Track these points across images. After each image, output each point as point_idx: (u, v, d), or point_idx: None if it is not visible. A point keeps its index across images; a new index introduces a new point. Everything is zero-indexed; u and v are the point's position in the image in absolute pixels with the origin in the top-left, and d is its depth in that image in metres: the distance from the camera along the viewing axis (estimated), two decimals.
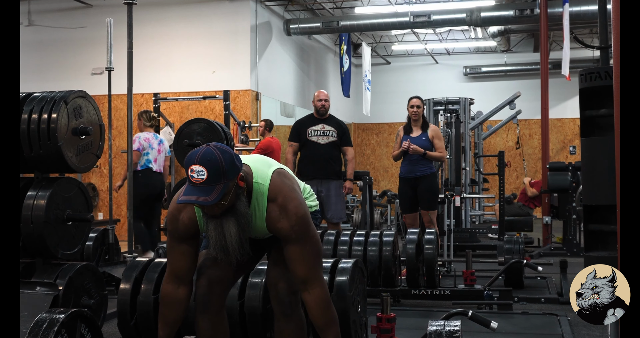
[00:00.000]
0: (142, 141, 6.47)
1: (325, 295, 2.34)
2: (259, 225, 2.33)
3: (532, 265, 5.25)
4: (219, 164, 2.14)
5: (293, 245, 2.32)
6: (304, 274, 2.32)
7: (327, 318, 2.35)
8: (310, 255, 2.33)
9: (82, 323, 2.68)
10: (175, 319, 2.42)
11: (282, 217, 2.29)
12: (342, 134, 6.33)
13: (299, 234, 2.31)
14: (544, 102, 8.89)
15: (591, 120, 3.90)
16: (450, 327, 2.45)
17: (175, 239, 2.37)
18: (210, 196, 2.12)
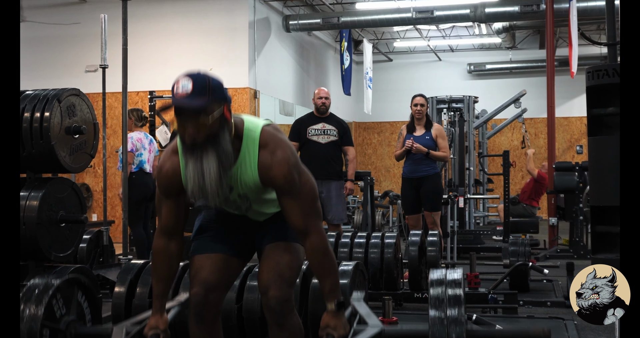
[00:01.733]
0: (134, 141, 6.45)
1: (322, 243, 2.35)
2: (250, 175, 2.31)
3: (537, 268, 5.25)
4: (207, 80, 2.17)
5: (287, 196, 2.32)
6: (300, 225, 2.34)
7: (325, 266, 2.37)
8: (305, 204, 2.34)
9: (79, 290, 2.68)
10: (169, 274, 2.45)
11: (274, 164, 2.28)
12: (343, 134, 6.32)
13: (293, 183, 2.30)
14: (550, 101, 8.89)
15: (599, 119, 3.90)
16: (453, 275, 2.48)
17: (162, 192, 2.40)
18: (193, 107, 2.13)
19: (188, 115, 2.16)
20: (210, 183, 2.20)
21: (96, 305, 2.82)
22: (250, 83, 10.49)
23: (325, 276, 2.38)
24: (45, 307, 2.54)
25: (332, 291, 2.38)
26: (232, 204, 2.44)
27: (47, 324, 2.59)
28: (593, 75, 3.83)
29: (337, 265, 2.44)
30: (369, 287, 4.40)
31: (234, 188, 2.34)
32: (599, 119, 3.89)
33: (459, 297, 2.48)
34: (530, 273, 5.47)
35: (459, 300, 2.47)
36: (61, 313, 2.65)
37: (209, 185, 2.21)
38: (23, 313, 2.53)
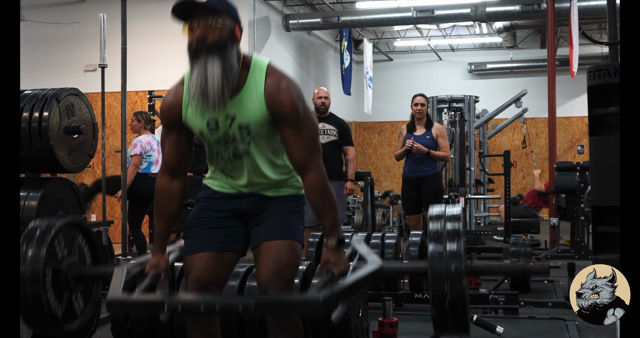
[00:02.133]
0: (144, 144, 6.47)
1: (322, 179, 2.36)
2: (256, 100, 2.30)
3: None
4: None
5: (291, 127, 2.31)
6: (301, 158, 2.34)
7: (325, 202, 2.36)
8: (308, 138, 2.34)
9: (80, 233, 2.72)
10: (171, 213, 2.45)
11: (281, 91, 2.29)
12: (343, 133, 6.32)
13: (297, 113, 2.30)
14: (551, 100, 8.89)
15: (600, 118, 3.90)
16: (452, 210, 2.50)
17: (164, 124, 2.41)
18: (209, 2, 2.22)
19: (200, 13, 2.23)
20: (213, 88, 2.21)
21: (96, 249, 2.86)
22: None
23: (326, 213, 2.37)
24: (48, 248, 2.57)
25: (332, 227, 2.37)
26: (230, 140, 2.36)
27: (49, 264, 2.61)
28: (594, 74, 3.84)
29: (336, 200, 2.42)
30: (369, 288, 4.40)
31: (237, 116, 2.31)
32: (600, 118, 3.89)
33: (457, 231, 2.49)
34: None
35: (457, 234, 2.48)
36: (63, 255, 2.69)
37: (210, 88, 2.21)
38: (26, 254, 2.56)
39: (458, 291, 2.42)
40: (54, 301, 2.65)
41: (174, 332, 3.09)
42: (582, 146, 12.31)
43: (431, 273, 2.45)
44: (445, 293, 2.43)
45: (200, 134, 2.37)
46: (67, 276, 2.75)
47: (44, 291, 2.59)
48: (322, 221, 2.39)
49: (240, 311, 2.04)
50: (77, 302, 2.81)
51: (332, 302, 2.11)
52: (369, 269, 2.51)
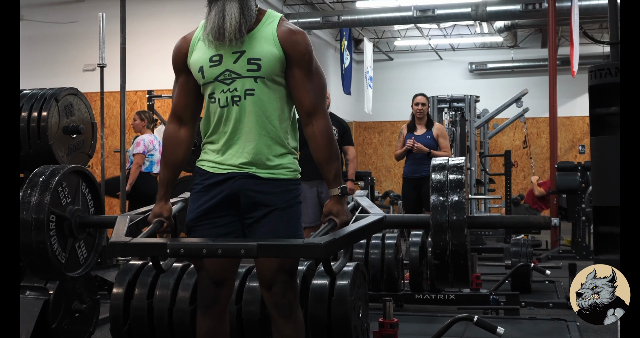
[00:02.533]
0: (147, 143, 6.49)
1: (328, 127, 2.38)
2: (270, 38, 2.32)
3: (539, 269, 5.25)
4: None
5: (302, 70, 2.33)
6: (310, 103, 2.34)
7: (330, 150, 2.37)
8: (317, 85, 2.36)
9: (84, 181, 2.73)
10: (176, 161, 2.45)
11: (295, 34, 2.32)
12: (343, 133, 6.32)
13: (310, 57, 2.33)
14: (552, 100, 8.89)
15: (601, 118, 3.89)
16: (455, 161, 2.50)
17: (174, 70, 2.46)
18: None
19: None
20: (230, 23, 2.27)
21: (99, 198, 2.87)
22: None
23: (330, 162, 2.37)
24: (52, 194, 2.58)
25: (335, 177, 2.37)
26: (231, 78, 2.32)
27: (53, 210, 2.61)
28: (595, 74, 3.83)
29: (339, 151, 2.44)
30: (370, 288, 4.40)
31: (247, 51, 2.31)
32: (602, 118, 3.89)
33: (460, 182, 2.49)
34: (532, 274, 5.47)
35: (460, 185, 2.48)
36: (66, 201, 2.69)
37: (227, 25, 2.27)
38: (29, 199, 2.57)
39: (459, 243, 2.43)
40: (57, 248, 2.66)
41: (172, 333, 3.09)
42: (583, 146, 12.31)
43: (433, 223, 2.45)
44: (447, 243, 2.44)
45: (199, 71, 2.36)
46: (71, 223, 2.75)
47: (49, 238, 2.60)
48: (325, 171, 2.38)
49: (243, 253, 2.03)
50: (80, 251, 2.82)
51: (333, 247, 2.10)
52: (371, 219, 2.53)
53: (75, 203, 2.74)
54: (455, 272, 2.48)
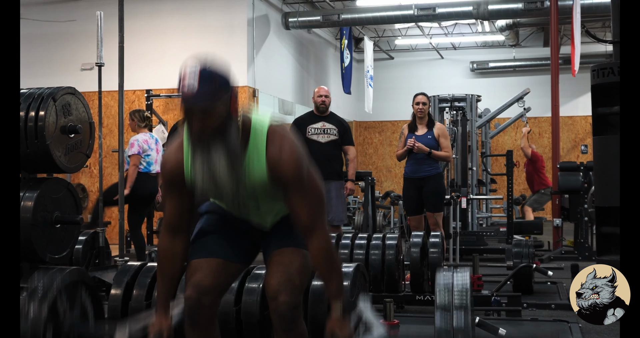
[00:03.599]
0: (141, 143, 6.46)
1: (327, 244, 2.37)
2: (259, 169, 2.31)
3: (542, 270, 5.25)
4: (213, 73, 2.16)
5: (295, 192, 2.33)
6: (306, 223, 2.35)
7: (330, 267, 2.37)
8: (312, 203, 2.35)
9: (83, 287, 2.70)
10: (174, 274, 2.45)
11: (282, 159, 2.29)
12: (344, 133, 6.33)
13: (301, 179, 2.31)
14: (554, 99, 8.89)
15: (603, 118, 3.90)
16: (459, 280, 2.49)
17: (166, 187, 2.41)
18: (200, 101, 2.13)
19: (194, 112, 2.16)
20: (220, 177, 2.23)
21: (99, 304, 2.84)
22: (249, 82, 10.49)
23: (330, 278, 2.38)
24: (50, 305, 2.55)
25: (337, 292, 2.38)
26: (239, 202, 2.42)
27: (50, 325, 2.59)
28: (598, 73, 3.84)
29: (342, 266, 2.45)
30: (370, 289, 4.40)
31: (241, 182, 2.34)
32: (604, 118, 3.89)
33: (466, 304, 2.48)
34: (535, 275, 5.47)
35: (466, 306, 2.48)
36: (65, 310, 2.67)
37: (218, 180, 2.23)
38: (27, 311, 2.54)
39: None
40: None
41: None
42: (585, 145, 12.32)
43: None
44: None
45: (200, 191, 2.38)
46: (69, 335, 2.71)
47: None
48: (327, 286, 2.40)
49: None
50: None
51: None
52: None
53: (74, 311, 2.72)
54: None
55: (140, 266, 3.24)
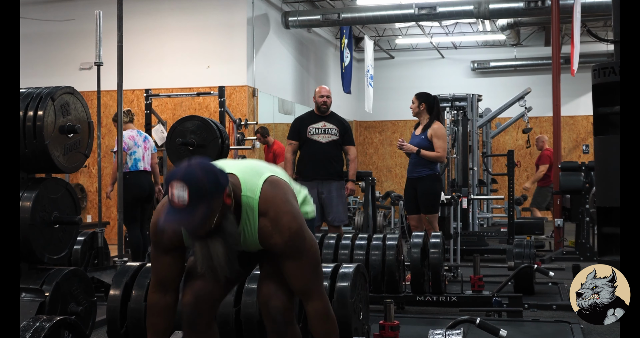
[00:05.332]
0: (126, 139, 6.44)
1: (324, 307, 2.37)
2: (251, 240, 2.33)
3: (543, 270, 5.25)
4: (202, 185, 2.09)
5: (288, 260, 2.32)
6: (302, 288, 2.35)
7: (327, 329, 2.38)
8: (307, 269, 2.34)
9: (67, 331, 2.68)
10: (166, 328, 2.43)
11: (274, 232, 2.27)
12: (344, 133, 6.33)
13: (294, 249, 2.30)
14: (555, 99, 8.88)
15: (605, 118, 3.90)
16: None
17: (160, 250, 2.37)
18: (193, 219, 2.09)
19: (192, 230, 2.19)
20: (219, 263, 2.22)
21: None
22: (248, 81, 10.50)
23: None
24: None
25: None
26: None
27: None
28: (599, 73, 3.84)
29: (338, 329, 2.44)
30: (371, 290, 4.40)
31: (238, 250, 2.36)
32: (605, 118, 3.89)
33: None
34: (536, 276, 5.47)
35: None
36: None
37: (217, 265, 2.22)
38: None
39: None
40: None
41: None
42: (587, 145, 12.30)
43: None
44: None
45: None
46: None
47: None
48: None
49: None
50: None
51: None
52: None
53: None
54: None
55: (139, 267, 3.24)
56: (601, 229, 3.84)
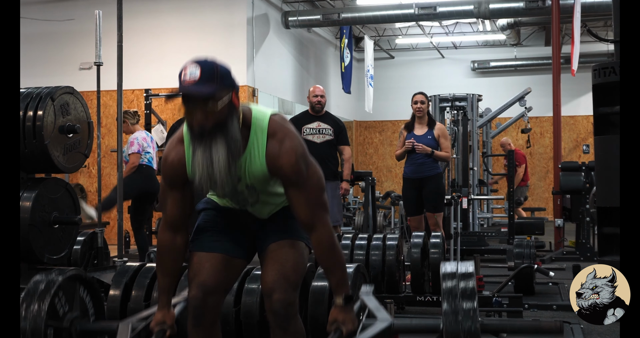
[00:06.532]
0: (140, 141, 6.49)
1: (329, 236, 2.37)
2: (258, 164, 2.32)
3: (543, 270, 5.25)
4: (214, 66, 2.19)
5: (294, 187, 2.33)
6: (307, 217, 2.36)
7: (332, 259, 2.38)
8: (312, 196, 2.36)
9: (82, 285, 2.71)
10: (175, 268, 2.46)
11: (282, 153, 2.30)
12: (339, 133, 6.33)
13: (300, 173, 2.32)
14: (555, 99, 8.89)
15: (605, 117, 3.90)
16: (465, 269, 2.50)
17: (167, 182, 2.41)
18: (200, 93, 2.14)
19: (196, 102, 2.17)
20: (219, 171, 2.22)
21: (99, 301, 2.86)
22: (248, 81, 10.50)
23: (333, 270, 2.39)
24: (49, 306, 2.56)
25: (339, 285, 2.39)
26: (239, 196, 2.44)
27: (50, 324, 2.60)
28: (599, 73, 3.84)
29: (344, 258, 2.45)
30: None
31: (242, 178, 2.35)
32: (606, 117, 3.89)
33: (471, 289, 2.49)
34: (536, 276, 5.47)
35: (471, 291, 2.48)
36: (64, 311, 2.68)
37: (217, 173, 2.23)
38: (26, 313, 2.55)
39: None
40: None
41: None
42: (587, 145, 12.30)
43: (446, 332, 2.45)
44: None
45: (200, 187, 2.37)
46: (70, 333, 2.73)
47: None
48: (329, 279, 2.42)
49: None
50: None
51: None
52: (379, 327, 2.53)
53: (74, 310, 2.72)
54: None
55: (139, 267, 3.25)
56: (601, 229, 3.84)
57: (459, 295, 2.48)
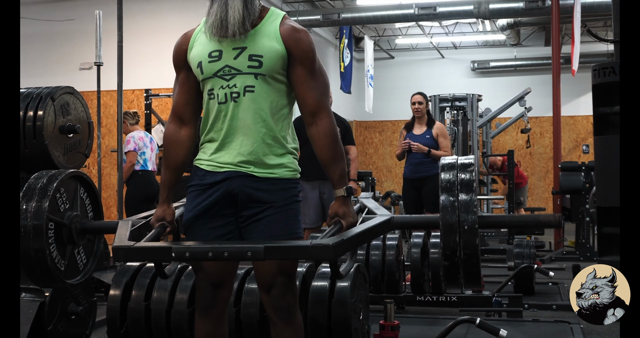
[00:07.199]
0: (137, 140, 6.50)
1: (332, 126, 2.36)
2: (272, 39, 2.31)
3: (543, 270, 5.25)
4: None
5: (305, 68, 2.31)
6: (314, 102, 2.34)
7: (334, 151, 2.36)
8: (320, 84, 2.35)
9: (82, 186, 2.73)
10: (177, 161, 2.44)
11: (298, 31, 2.32)
12: (345, 133, 6.32)
13: (313, 55, 2.32)
14: (555, 99, 8.89)
15: (605, 117, 3.90)
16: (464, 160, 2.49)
17: (175, 66, 2.45)
18: None
19: None
20: (233, 17, 2.26)
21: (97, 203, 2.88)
22: None
23: (335, 162, 2.36)
24: (50, 201, 2.58)
25: (341, 178, 2.36)
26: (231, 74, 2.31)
27: (52, 218, 2.61)
28: (599, 73, 3.84)
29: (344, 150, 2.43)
30: (370, 290, 4.40)
31: (249, 47, 2.30)
32: (605, 117, 3.89)
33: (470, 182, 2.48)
34: (536, 276, 5.48)
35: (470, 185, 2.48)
36: (65, 208, 2.69)
37: (231, 18, 2.27)
38: (27, 206, 2.57)
39: (470, 243, 2.42)
40: (57, 255, 2.66)
41: (170, 335, 3.09)
42: (587, 145, 12.32)
43: (443, 224, 2.45)
44: (457, 244, 2.43)
45: (198, 67, 2.34)
46: (71, 230, 2.75)
47: (47, 246, 2.59)
48: (330, 172, 2.37)
49: (249, 256, 2.01)
50: (79, 257, 2.82)
51: (342, 249, 2.09)
52: (379, 220, 2.53)
53: (73, 209, 2.74)
54: (466, 273, 2.47)
55: (139, 267, 3.25)
56: (601, 229, 3.84)
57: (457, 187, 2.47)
